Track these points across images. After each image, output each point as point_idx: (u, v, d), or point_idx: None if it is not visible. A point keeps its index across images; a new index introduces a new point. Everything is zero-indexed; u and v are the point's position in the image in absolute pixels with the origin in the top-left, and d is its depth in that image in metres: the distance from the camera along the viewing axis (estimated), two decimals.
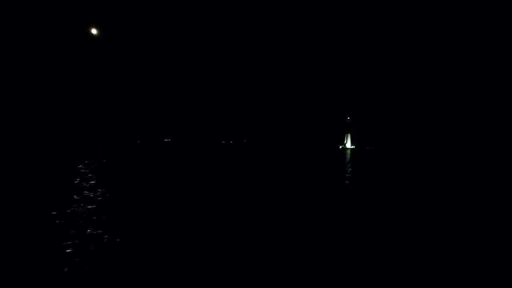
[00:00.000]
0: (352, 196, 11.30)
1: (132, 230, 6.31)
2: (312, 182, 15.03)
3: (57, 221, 6.67)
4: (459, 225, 7.52)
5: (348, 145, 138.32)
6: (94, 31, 76.46)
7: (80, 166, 18.68)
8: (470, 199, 11.28)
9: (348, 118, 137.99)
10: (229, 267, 4.64)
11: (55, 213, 7.32)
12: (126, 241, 5.63)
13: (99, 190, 10.60)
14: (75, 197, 9.28)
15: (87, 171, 16.06)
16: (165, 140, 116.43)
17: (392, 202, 10.34)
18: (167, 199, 9.61)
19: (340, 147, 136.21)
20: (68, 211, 7.57)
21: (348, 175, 19.52)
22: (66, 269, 4.27)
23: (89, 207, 8.08)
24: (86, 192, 10.17)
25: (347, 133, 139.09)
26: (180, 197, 10.02)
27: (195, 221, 7.15)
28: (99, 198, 9.21)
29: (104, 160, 24.28)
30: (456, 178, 19.10)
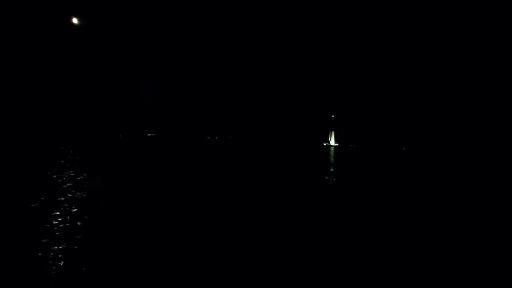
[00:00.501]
0: (338, 193, 11.57)
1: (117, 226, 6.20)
2: (296, 178, 15.22)
3: (44, 221, 6.46)
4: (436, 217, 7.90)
5: (332, 142, 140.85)
6: (75, 20, 73.64)
7: (63, 161, 18.02)
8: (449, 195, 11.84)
9: (333, 116, 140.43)
10: (217, 266, 4.67)
11: (41, 211, 7.07)
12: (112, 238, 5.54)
13: (84, 187, 10.29)
14: (62, 192, 8.98)
15: (71, 166, 15.53)
16: (149, 135, 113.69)
17: (373, 197, 10.69)
18: (153, 196, 9.47)
19: (324, 144, 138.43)
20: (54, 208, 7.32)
21: (332, 171, 19.90)
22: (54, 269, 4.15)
23: (76, 205, 7.85)
24: (72, 188, 9.85)
25: (331, 131, 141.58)
26: (166, 194, 9.91)
27: (183, 218, 7.12)
28: (84, 196, 8.95)
29: (86, 156, 23.52)
30: (435, 174, 19.94)
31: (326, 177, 16.00)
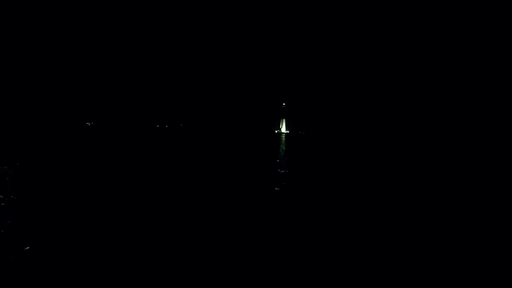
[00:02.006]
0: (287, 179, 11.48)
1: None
2: (247, 166, 14.89)
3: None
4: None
5: (283, 130, 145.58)
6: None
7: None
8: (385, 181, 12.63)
9: (284, 104, 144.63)
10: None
11: None
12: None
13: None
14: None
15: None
16: (87, 123, 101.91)
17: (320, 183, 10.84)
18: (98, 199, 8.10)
19: (276, 131, 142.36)
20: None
21: (282, 157, 20.13)
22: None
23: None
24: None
25: (282, 119, 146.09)
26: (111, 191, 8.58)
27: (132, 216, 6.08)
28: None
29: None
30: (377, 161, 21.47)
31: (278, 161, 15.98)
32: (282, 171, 13.20)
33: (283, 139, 61.82)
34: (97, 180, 9.53)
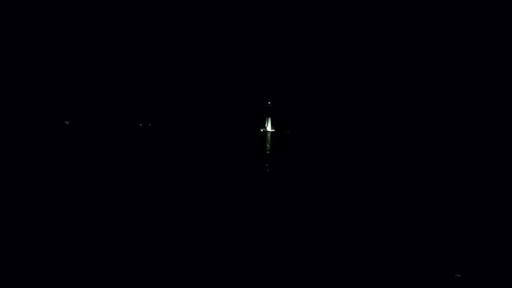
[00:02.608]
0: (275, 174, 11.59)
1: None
2: (235, 164, 14.89)
3: None
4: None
5: (269, 128, 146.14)
6: None
7: None
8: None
9: (269, 103, 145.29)
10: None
11: None
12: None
13: None
14: None
15: None
16: (65, 122, 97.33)
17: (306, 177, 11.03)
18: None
19: (262, 130, 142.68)
20: None
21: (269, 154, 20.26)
22: None
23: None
24: None
25: (268, 117, 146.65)
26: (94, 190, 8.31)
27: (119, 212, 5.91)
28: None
29: None
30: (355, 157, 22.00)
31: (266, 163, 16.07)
32: (268, 170, 13.30)
33: (269, 137, 62.13)
34: (84, 181, 9.23)
